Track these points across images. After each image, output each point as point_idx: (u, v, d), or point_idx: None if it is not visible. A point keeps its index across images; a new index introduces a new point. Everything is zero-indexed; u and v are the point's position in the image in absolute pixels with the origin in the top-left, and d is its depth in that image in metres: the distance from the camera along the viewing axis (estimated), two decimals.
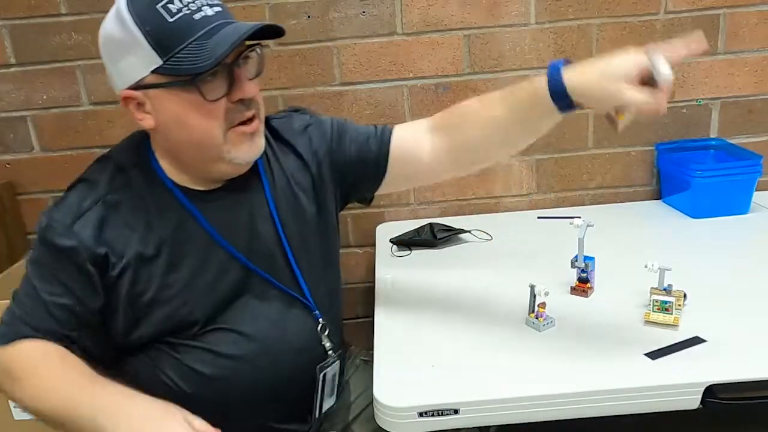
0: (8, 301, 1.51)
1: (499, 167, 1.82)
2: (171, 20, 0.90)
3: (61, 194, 1.02)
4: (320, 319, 1.11)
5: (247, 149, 1.00)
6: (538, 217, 1.77)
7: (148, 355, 1.04)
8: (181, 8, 0.90)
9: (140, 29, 0.90)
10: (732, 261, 1.41)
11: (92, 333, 1.00)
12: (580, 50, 1.73)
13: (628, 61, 0.90)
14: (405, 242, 1.62)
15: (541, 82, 0.96)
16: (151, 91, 0.94)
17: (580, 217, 1.29)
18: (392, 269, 1.50)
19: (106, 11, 1.64)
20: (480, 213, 1.86)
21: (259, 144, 1.02)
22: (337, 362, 1.14)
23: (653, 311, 1.14)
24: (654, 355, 1.06)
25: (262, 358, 1.05)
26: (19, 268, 1.73)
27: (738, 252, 1.47)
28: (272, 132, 1.14)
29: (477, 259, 1.53)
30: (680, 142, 1.80)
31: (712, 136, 1.82)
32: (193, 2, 0.91)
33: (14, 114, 1.75)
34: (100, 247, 0.96)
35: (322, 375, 1.10)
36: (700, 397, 0.99)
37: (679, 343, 1.08)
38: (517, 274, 1.36)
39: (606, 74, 0.91)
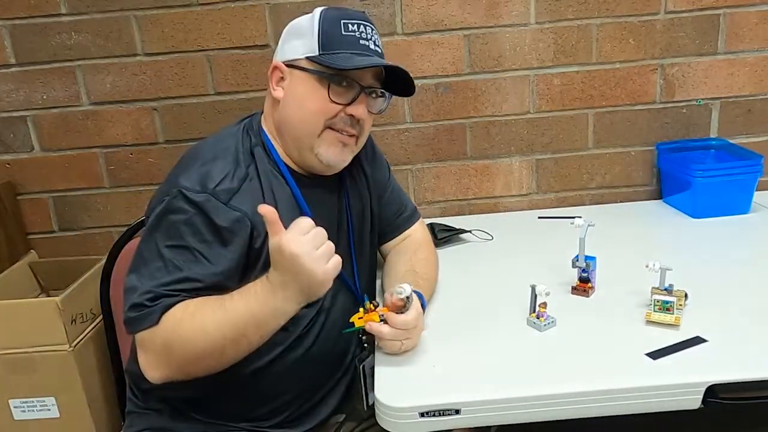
0: (8, 301, 1.53)
1: (499, 167, 1.83)
2: (343, 33, 1.11)
3: (62, 194, 1.02)
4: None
5: (334, 153, 1.15)
6: (539, 217, 1.77)
7: None
8: (355, 31, 1.12)
9: (319, 26, 1.11)
10: (733, 261, 1.41)
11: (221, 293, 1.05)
12: (580, 50, 1.73)
13: None
14: None
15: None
16: (296, 71, 1.13)
17: (580, 217, 1.29)
18: None
19: (106, 11, 1.67)
20: (480, 213, 1.86)
21: (346, 157, 1.18)
22: (372, 356, 1.16)
23: (654, 311, 1.14)
24: (655, 354, 1.06)
25: (326, 331, 1.18)
26: (19, 268, 1.74)
27: (739, 252, 1.46)
28: None
29: (477, 259, 1.53)
30: (680, 142, 1.80)
31: (712, 136, 1.82)
32: (366, 33, 1.13)
33: (14, 114, 1.75)
34: (253, 217, 1.06)
35: (361, 366, 1.14)
36: (701, 397, 0.99)
37: (681, 342, 1.08)
38: (517, 274, 1.36)
39: None
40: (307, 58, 1.11)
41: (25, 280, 1.75)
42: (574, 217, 1.30)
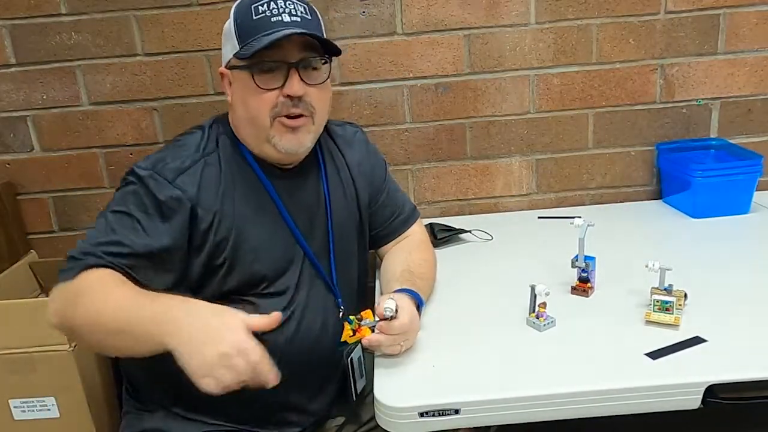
0: (8, 301, 1.53)
1: (499, 167, 1.83)
2: (254, 18, 1.09)
3: (62, 194, 1.03)
4: (341, 307, 1.22)
5: (288, 140, 1.13)
6: (539, 217, 1.77)
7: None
8: (265, 11, 1.09)
9: (234, 22, 1.12)
10: (733, 261, 1.41)
11: (154, 272, 1.07)
12: (580, 50, 1.73)
13: None
14: None
15: None
16: (234, 72, 1.14)
17: (580, 217, 1.29)
18: None
19: (106, 11, 1.67)
20: (480, 213, 1.86)
21: (302, 140, 1.14)
22: (359, 345, 1.16)
23: (654, 311, 1.14)
24: (655, 354, 1.06)
25: (304, 326, 1.18)
26: (19, 268, 1.74)
27: (738, 252, 1.46)
28: (330, 134, 1.30)
29: (477, 259, 1.53)
30: (680, 142, 1.80)
31: (712, 136, 1.82)
32: (277, 8, 1.10)
33: (14, 114, 1.75)
34: (197, 199, 1.09)
35: (349, 359, 1.15)
36: (700, 396, 0.99)
37: (680, 342, 1.08)
38: (517, 274, 1.36)
39: None
40: (234, 55, 1.12)
41: (25, 280, 1.75)
42: (573, 217, 1.30)
